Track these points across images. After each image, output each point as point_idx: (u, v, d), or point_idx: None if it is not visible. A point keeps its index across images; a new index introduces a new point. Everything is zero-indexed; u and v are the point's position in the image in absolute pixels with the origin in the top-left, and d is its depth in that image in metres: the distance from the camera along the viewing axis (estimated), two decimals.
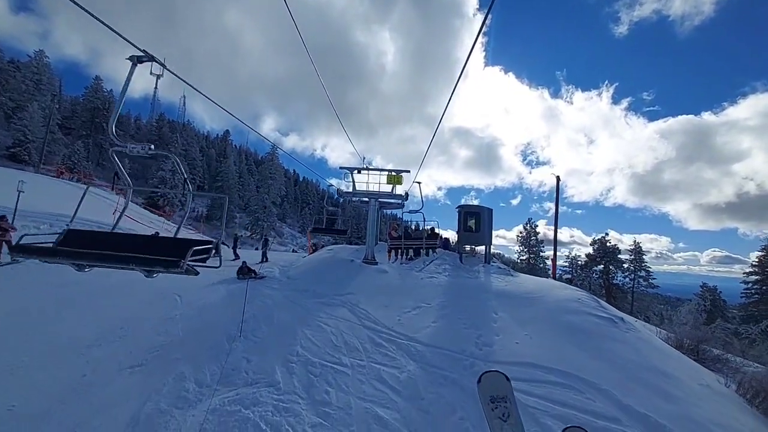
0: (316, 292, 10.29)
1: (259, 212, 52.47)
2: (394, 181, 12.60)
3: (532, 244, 36.97)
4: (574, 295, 12.08)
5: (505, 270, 14.34)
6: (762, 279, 30.07)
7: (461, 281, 12.64)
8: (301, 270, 12.04)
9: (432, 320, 9.66)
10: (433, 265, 13.65)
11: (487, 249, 14.85)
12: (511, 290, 12.15)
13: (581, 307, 11.23)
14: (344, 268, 12.05)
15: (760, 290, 29.99)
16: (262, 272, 11.55)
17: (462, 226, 14.79)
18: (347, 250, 14.49)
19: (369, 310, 9.52)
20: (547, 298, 11.60)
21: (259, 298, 9.51)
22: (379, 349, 7.86)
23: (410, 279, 12.17)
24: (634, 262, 33.50)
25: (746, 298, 30.88)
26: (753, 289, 30.46)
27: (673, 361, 10.38)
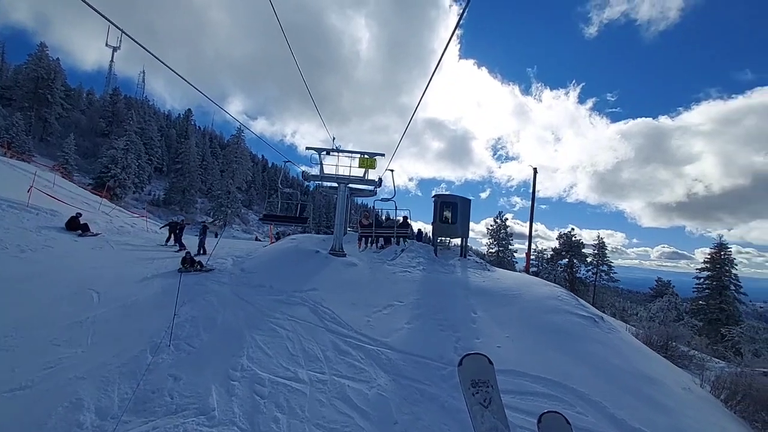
0: (274, 287, 8.83)
1: (222, 198, 49.44)
2: (367, 164, 11.25)
3: (501, 237, 36.88)
4: (553, 292, 11.34)
5: (481, 264, 13.45)
6: (713, 275, 31.39)
7: (436, 276, 11.58)
8: (257, 262, 10.49)
9: (405, 321, 8.52)
10: (407, 258, 12.50)
11: (464, 242, 13.88)
12: (489, 287, 11.23)
13: (562, 306, 10.50)
14: (308, 260, 10.62)
15: (710, 285, 31.32)
16: (211, 264, 9.91)
17: (437, 217, 13.70)
18: (313, 239, 13.04)
19: (334, 310, 8.22)
20: (526, 296, 10.77)
21: (202, 296, 7.94)
22: (344, 357, 6.60)
23: (382, 273, 10.95)
24: (597, 256, 34.11)
25: (698, 293, 32.21)
26: (704, 284, 31.77)
27: (654, 364, 9.86)
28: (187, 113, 65.48)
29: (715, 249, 31.93)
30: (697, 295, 32.05)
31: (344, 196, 11.64)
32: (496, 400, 2.74)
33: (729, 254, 31.42)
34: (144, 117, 59.36)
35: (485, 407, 2.68)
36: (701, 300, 31.80)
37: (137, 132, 52.37)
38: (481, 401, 2.70)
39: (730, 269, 31.04)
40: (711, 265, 31.66)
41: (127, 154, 41.82)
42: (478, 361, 2.86)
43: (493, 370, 2.79)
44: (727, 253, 31.41)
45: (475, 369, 2.83)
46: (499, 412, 2.65)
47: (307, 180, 11.76)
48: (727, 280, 31.01)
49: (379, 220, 14.50)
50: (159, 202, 51.57)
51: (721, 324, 29.68)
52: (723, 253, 31.46)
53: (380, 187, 12.02)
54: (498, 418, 2.63)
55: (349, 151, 11.64)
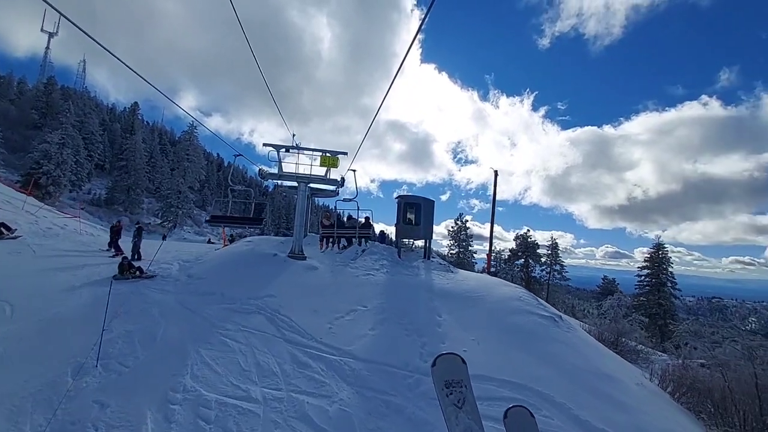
0: (225, 295, 8.05)
1: (172, 197, 46.33)
2: (329, 163, 10.70)
3: (462, 238, 37.56)
4: (514, 293, 11.42)
5: (444, 266, 13.34)
6: (652, 273, 33.84)
7: (400, 279, 11.28)
8: (208, 266, 9.59)
9: (369, 327, 8.10)
10: (370, 260, 12.09)
11: (428, 243, 13.71)
12: (453, 289, 11.10)
13: (523, 306, 10.57)
14: (264, 264, 9.89)
15: (650, 282, 33.74)
16: (153, 270, 8.90)
17: (401, 218, 13.43)
18: (271, 242, 12.24)
19: (293, 317, 7.63)
20: (489, 297, 10.74)
21: (141, 307, 7.01)
22: (303, 370, 6.06)
23: (344, 276, 10.46)
24: (551, 256, 35.65)
25: (639, 289, 34.57)
26: (645, 281, 34.17)
27: (609, 361, 10.15)
28: (133, 107, 60.88)
29: (654, 249, 34.51)
30: (639, 291, 34.48)
31: (304, 196, 11.01)
32: (470, 400, 2.65)
33: (666, 253, 34.05)
34: (83, 109, 54.39)
35: (459, 408, 2.61)
36: (642, 296, 34.24)
37: (75, 125, 47.83)
38: (455, 402, 2.62)
39: (667, 267, 33.65)
40: (650, 264, 34.15)
41: (62, 149, 37.95)
42: (452, 362, 2.76)
43: (467, 369, 2.70)
44: (664, 252, 34.02)
45: (448, 369, 2.73)
46: (473, 413, 2.59)
47: (264, 178, 10.99)
48: (665, 278, 33.57)
49: (341, 220, 14.05)
50: (100, 201, 47.43)
51: (659, 318, 32.13)
52: (660, 253, 34.04)
53: (342, 187, 11.53)
54: (472, 418, 2.56)
55: (310, 148, 11.05)
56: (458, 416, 2.54)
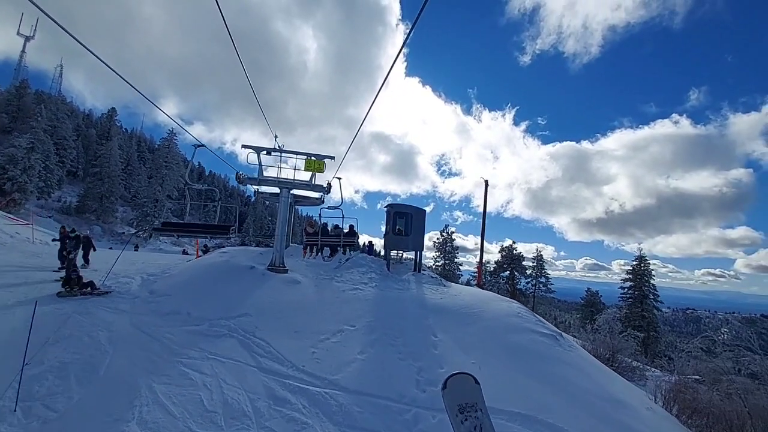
0: (192, 315, 6.91)
1: (148, 206, 44.17)
2: (314, 168, 9.75)
3: (447, 250, 36.94)
4: (512, 308, 10.64)
5: (436, 279, 12.47)
6: (635, 285, 33.90)
7: (391, 294, 10.33)
8: (174, 281, 8.39)
9: (358, 350, 7.11)
10: (357, 273, 11.12)
11: (418, 255, 12.84)
12: (448, 304, 10.23)
13: (523, 323, 9.80)
14: (240, 278, 8.77)
15: (633, 295, 33.75)
16: (108, 285, 7.66)
17: (390, 228, 12.55)
18: (249, 253, 11.09)
19: (270, 341, 6.57)
20: (486, 314, 9.91)
21: (85, 331, 5.81)
22: (280, 408, 5.00)
23: (329, 292, 9.44)
24: (536, 268, 35.36)
25: (622, 301, 34.53)
26: (628, 294, 34.17)
27: (616, 383, 9.46)
28: (110, 112, 58.40)
29: (636, 261, 34.68)
30: (622, 303, 34.43)
31: (287, 203, 9.99)
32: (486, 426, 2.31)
33: (648, 266, 34.23)
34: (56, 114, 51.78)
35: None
36: (625, 309, 34.20)
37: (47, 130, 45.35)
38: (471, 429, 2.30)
39: (649, 280, 33.78)
40: (633, 276, 34.24)
41: (30, 154, 35.62)
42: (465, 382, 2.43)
43: (480, 390, 2.37)
44: (646, 265, 34.18)
45: (461, 391, 2.41)
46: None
47: (242, 183, 9.93)
48: (647, 290, 33.67)
49: (326, 228, 13.19)
50: (70, 209, 44.73)
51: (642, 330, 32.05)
52: (642, 265, 34.20)
53: (328, 194, 10.55)
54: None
55: (294, 152, 10.06)
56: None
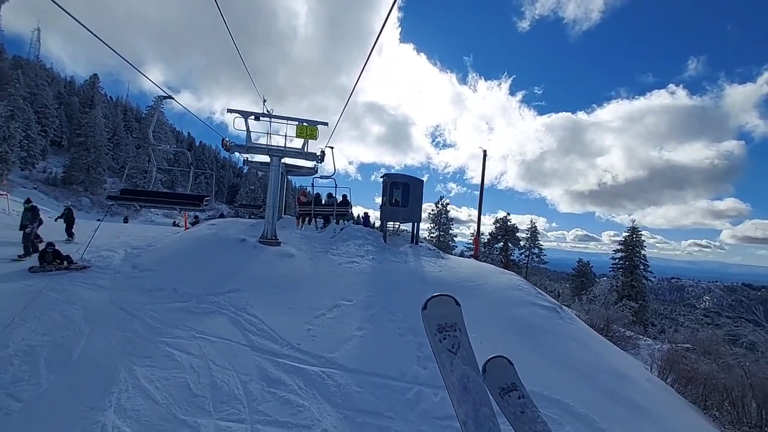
0: (178, 291, 6.43)
1: (137, 177, 42.91)
2: (307, 134, 9.02)
3: (442, 222, 36.67)
4: (512, 281, 10.37)
5: (434, 251, 12.10)
6: (626, 255, 34.19)
7: (388, 266, 9.95)
8: (159, 255, 7.84)
9: (356, 326, 6.76)
10: (354, 246, 10.67)
11: (416, 227, 12.39)
12: (447, 277, 9.91)
13: (524, 296, 9.56)
14: (230, 251, 8.25)
15: (623, 265, 34.10)
16: (87, 259, 7.11)
17: (387, 199, 12.01)
18: (238, 225, 10.52)
19: (263, 318, 6.15)
20: (486, 287, 9.63)
21: (59, 310, 5.31)
22: (275, 390, 4.64)
23: (325, 265, 9.01)
24: (530, 240, 35.40)
25: (614, 271, 34.96)
26: (618, 264, 34.52)
27: (616, 356, 9.38)
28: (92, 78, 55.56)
29: (628, 232, 34.83)
30: (613, 273, 34.89)
31: (278, 172, 9.32)
32: (465, 344, 2.27)
33: (639, 237, 34.41)
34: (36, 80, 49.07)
35: (454, 353, 2.22)
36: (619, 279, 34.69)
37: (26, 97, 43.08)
38: (449, 347, 2.23)
39: (640, 250, 34.06)
40: (624, 247, 34.49)
41: (9, 122, 33.84)
42: (445, 304, 2.36)
43: (461, 312, 2.31)
44: (638, 236, 34.36)
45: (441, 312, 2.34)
46: (469, 358, 2.22)
47: (229, 151, 9.18)
48: (638, 260, 34.03)
49: (318, 199, 12.71)
50: (56, 181, 43.31)
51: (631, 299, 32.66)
52: (634, 236, 34.38)
53: (322, 162, 9.88)
54: (468, 363, 2.18)
55: (284, 117, 9.26)
56: (453, 362, 2.18)
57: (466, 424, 1.88)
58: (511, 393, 2.41)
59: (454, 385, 2.05)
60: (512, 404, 2.36)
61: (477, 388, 2.08)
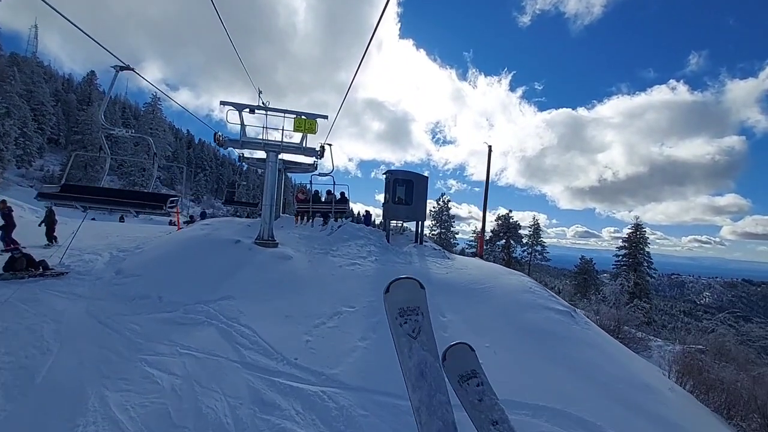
0: (165, 299, 5.84)
1: (135, 175, 42.30)
2: (305, 128, 8.38)
3: (444, 219, 36.07)
4: (523, 283, 9.79)
5: (439, 251, 11.51)
6: (629, 252, 33.62)
7: (392, 268, 9.37)
8: (147, 258, 7.25)
9: (359, 336, 6.17)
10: (355, 246, 10.08)
11: (420, 226, 11.79)
12: (454, 279, 9.32)
13: (536, 299, 8.97)
14: (223, 253, 7.66)
15: (627, 262, 33.54)
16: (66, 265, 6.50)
17: (390, 197, 11.40)
18: (233, 225, 9.91)
19: (257, 329, 5.56)
20: (496, 290, 9.04)
21: (28, 323, 4.72)
22: (268, 416, 4.05)
23: (325, 267, 8.42)
24: (533, 237, 34.83)
25: (617, 269, 34.40)
26: (622, 261, 33.96)
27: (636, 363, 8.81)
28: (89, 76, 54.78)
29: (632, 229, 34.23)
30: (617, 271, 34.31)
31: (275, 168, 8.71)
32: (426, 329, 2.12)
33: (643, 234, 33.80)
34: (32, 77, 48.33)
35: (414, 338, 2.10)
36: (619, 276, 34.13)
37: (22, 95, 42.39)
38: (409, 332, 2.10)
39: (644, 247, 33.47)
40: (628, 244, 33.90)
41: (4, 120, 33.20)
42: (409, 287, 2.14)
43: (425, 295, 2.11)
44: (641, 233, 33.76)
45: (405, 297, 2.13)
46: (429, 343, 2.08)
47: (222, 146, 8.54)
48: (641, 257, 33.46)
49: (317, 196, 12.24)
50: (53, 179, 42.58)
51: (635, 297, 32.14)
52: (638, 233, 33.78)
53: (322, 158, 9.25)
54: (428, 349, 2.04)
55: (281, 109, 8.61)
56: (412, 347, 2.01)
57: (419, 411, 1.82)
58: (471, 380, 2.41)
59: (411, 370, 1.95)
60: (471, 392, 2.36)
61: (434, 374, 1.98)
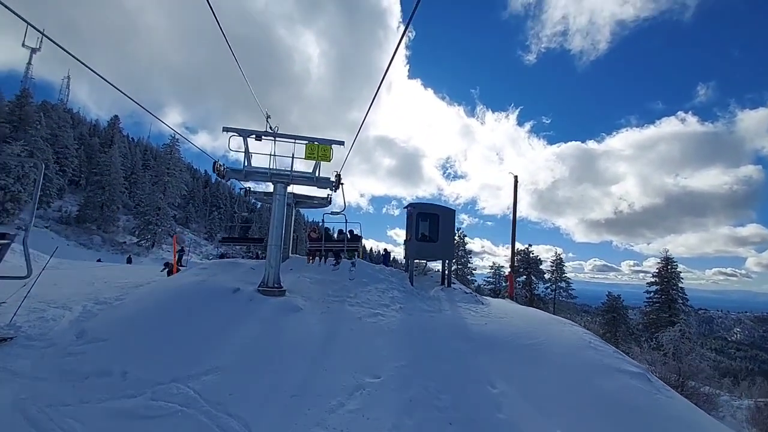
0: (130, 376, 4.29)
1: (150, 214, 41.90)
2: (319, 155, 7.12)
3: (460, 254, 34.20)
4: (579, 336, 7.98)
5: (471, 295, 9.80)
6: (662, 288, 30.96)
7: (420, 319, 7.69)
8: (121, 315, 5.75)
9: (390, 424, 4.47)
10: (376, 291, 8.47)
11: (446, 265, 10.17)
12: (496, 332, 7.56)
13: (602, 358, 7.16)
14: (217, 307, 6.14)
15: (660, 299, 30.81)
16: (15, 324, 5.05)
17: (414, 233, 9.91)
18: (235, 268, 8.40)
19: (251, 419, 3.93)
20: (551, 346, 7.26)
21: None
22: None
23: (341, 321, 6.80)
24: (556, 272, 32.55)
25: (649, 306, 31.61)
26: (654, 298, 31.23)
27: None
28: (112, 120, 56.52)
29: (662, 263, 31.72)
30: (649, 308, 31.45)
31: (283, 201, 7.36)
32: None
33: (675, 267, 31.26)
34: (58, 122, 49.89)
35: None
36: (652, 314, 31.20)
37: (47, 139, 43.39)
38: None
39: (677, 282, 30.80)
40: (659, 279, 31.29)
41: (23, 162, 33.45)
42: None
43: None
44: (673, 267, 31.23)
45: None
46: None
47: (223, 177, 7.27)
48: (675, 293, 30.71)
49: (329, 234, 11.31)
50: (70, 219, 42.52)
51: None
52: (669, 267, 31.26)
53: (337, 191, 7.88)
54: None
55: (292, 135, 7.39)
56: None
57: None
58: None
59: None
60: None
61: None
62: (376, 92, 4.98)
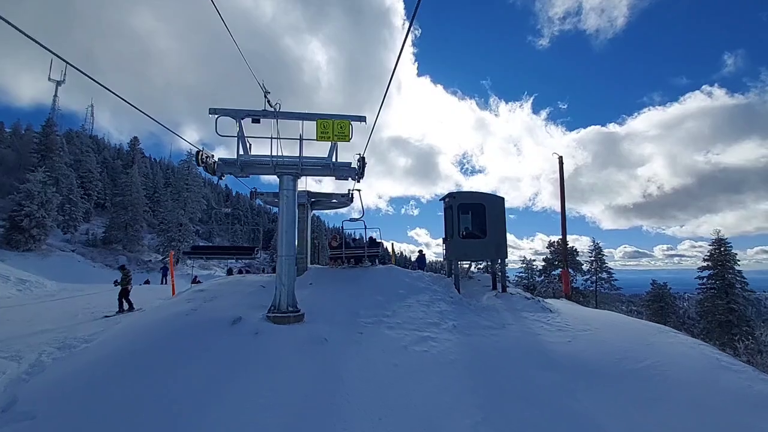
0: None
1: (172, 231, 41.38)
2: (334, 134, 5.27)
3: None
4: (700, 352, 5.89)
5: (533, 301, 7.75)
6: (716, 273, 27.69)
7: (483, 340, 5.74)
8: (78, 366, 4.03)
9: None
10: (417, 305, 6.56)
11: (500, 267, 8.15)
12: (586, 353, 5.53)
13: (742, 381, 5.11)
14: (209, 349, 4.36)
15: (715, 285, 27.54)
16: None
17: (455, 230, 7.97)
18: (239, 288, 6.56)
19: None
20: (670, 371, 5.21)
21: None
22: None
23: (380, 353, 4.93)
24: (596, 262, 29.75)
25: (702, 293, 28.35)
26: (707, 284, 27.95)
27: None
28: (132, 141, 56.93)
29: (714, 245, 28.37)
30: (703, 295, 28.17)
31: (293, 198, 5.52)
32: None
33: (729, 249, 27.88)
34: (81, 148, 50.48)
35: None
36: (707, 302, 27.93)
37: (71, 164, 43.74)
38: None
39: (733, 266, 27.42)
40: (712, 263, 27.97)
41: (45, 188, 33.33)
42: None
43: None
44: (727, 249, 27.86)
45: None
46: None
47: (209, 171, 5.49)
48: (732, 277, 27.33)
49: (348, 241, 10.55)
50: (97, 242, 42.53)
51: (732, 326, 25.87)
52: (723, 249, 27.90)
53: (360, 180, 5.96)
54: None
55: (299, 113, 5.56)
56: None
57: None
58: None
59: None
60: None
61: None
62: (386, 93, 4.64)
